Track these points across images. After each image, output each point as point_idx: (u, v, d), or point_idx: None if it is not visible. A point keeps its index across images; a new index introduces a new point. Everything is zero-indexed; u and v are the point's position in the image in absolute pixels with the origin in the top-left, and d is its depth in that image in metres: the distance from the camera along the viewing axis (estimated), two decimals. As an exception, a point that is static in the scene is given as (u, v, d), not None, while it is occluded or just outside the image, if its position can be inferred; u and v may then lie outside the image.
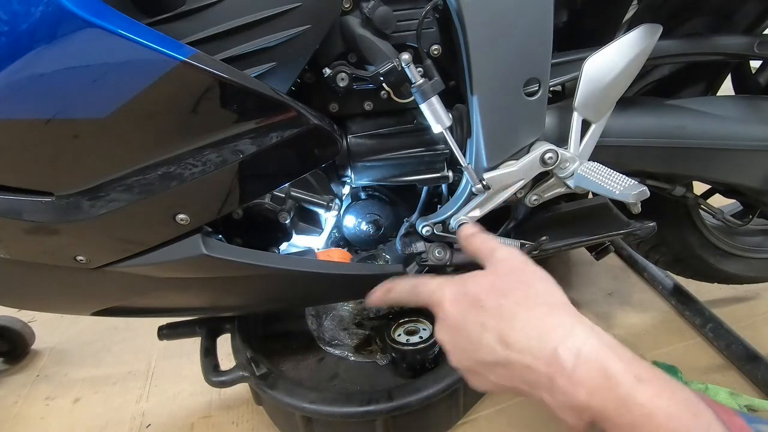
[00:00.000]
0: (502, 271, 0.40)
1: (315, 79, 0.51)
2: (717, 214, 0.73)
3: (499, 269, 0.40)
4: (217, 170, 0.41)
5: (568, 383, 0.32)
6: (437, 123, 0.47)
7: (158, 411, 0.81)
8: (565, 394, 0.32)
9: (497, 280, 0.39)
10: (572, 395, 0.32)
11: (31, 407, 0.84)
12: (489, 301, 0.37)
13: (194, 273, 0.48)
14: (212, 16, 0.41)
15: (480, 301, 0.38)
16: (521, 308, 0.36)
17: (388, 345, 0.60)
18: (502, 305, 0.37)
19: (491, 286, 0.38)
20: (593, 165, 0.49)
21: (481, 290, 0.38)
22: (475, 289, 0.38)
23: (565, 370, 0.32)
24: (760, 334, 0.87)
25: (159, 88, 0.36)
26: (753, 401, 0.72)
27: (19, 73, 0.34)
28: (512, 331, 0.35)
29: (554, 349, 0.33)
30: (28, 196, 0.41)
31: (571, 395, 0.32)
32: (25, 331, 0.95)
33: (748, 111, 0.62)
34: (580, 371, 0.32)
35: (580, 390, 0.31)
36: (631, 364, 0.32)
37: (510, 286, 0.38)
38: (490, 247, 0.43)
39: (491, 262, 0.41)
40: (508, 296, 0.37)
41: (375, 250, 0.68)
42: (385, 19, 0.45)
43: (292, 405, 0.56)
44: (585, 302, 1.00)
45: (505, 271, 0.40)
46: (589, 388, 0.31)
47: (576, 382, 0.32)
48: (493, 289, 0.38)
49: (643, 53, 0.50)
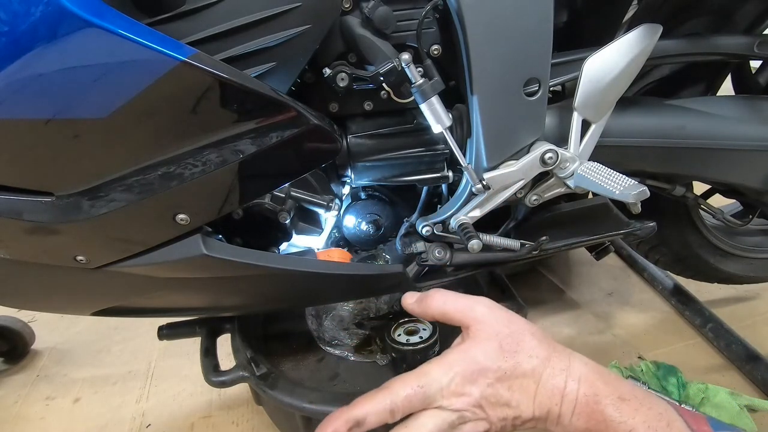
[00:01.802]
0: None
1: (315, 79, 0.51)
2: (717, 214, 0.73)
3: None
4: (217, 170, 0.41)
5: (570, 416, 0.38)
6: (437, 123, 0.47)
7: (158, 411, 0.81)
8: (570, 423, 0.38)
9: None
10: (575, 424, 0.38)
11: (31, 407, 0.84)
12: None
13: (194, 273, 0.48)
14: (212, 16, 0.41)
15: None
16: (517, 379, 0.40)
17: (388, 345, 0.60)
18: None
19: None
20: (593, 165, 0.49)
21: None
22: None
23: (568, 407, 0.38)
24: (760, 334, 0.87)
25: (159, 88, 0.36)
26: (753, 401, 0.72)
27: (19, 73, 0.34)
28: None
29: (561, 398, 0.38)
30: (28, 196, 0.41)
31: (575, 424, 0.38)
32: (25, 331, 0.95)
33: (748, 111, 0.62)
34: (579, 405, 0.38)
35: (580, 419, 0.38)
36: (615, 385, 0.38)
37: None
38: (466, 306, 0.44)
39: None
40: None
41: (375, 250, 0.68)
42: (385, 19, 0.45)
43: (292, 405, 0.56)
44: (585, 302, 1.00)
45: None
46: (586, 415, 0.37)
47: (577, 414, 0.37)
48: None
49: (643, 53, 0.50)
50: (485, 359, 0.39)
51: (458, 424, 0.39)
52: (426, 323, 0.62)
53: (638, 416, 0.36)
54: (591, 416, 0.37)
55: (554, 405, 0.38)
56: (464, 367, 0.39)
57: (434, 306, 0.44)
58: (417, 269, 0.60)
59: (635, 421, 0.36)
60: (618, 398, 0.37)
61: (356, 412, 0.37)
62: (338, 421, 0.37)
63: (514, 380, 0.39)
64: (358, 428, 0.37)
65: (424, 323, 0.62)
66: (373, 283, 0.57)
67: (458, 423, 0.39)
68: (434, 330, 0.60)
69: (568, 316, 0.96)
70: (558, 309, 0.98)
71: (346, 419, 0.37)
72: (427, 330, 0.61)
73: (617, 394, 0.37)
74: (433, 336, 0.59)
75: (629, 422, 0.36)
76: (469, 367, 0.39)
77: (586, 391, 0.38)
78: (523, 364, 0.39)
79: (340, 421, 0.37)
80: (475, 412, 0.39)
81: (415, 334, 0.61)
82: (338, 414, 0.38)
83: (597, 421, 0.37)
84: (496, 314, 0.42)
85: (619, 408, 0.37)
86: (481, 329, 0.41)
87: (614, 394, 0.37)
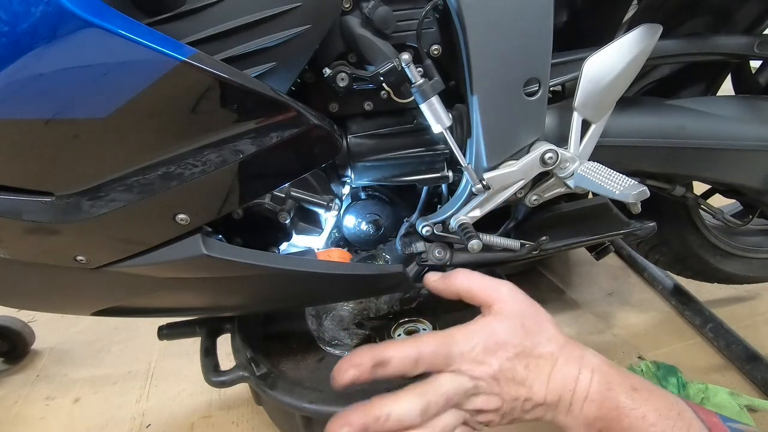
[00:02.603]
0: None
1: (315, 79, 0.51)
2: (717, 214, 0.73)
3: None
4: (217, 170, 0.41)
5: (582, 404, 0.38)
6: (437, 123, 0.47)
7: (158, 411, 0.81)
8: (580, 412, 0.39)
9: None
10: (586, 412, 0.38)
11: (31, 407, 0.84)
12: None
13: (194, 273, 0.48)
14: (212, 16, 0.41)
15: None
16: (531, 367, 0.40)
17: (388, 345, 0.60)
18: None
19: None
20: (593, 165, 0.49)
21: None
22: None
23: (581, 395, 0.39)
24: (760, 334, 0.87)
25: (159, 88, 0.36)
26: (753, 401, 0.72)
27: (19, 73, 0.34)
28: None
29: (574, 385, 0.39)
30: (28, 196, 0.41)
31: (585, 412, 0.38)
32: (25, 331, 0.95)
33: (748, 111, 0.62)
34: (592, 393, 0.38)
35: (592, 406, 0.38)
36: (626, 376, 0.39)
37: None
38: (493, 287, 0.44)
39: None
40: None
41: (375, 250, 0.68)
42: (385, 19, 0.45)
43: (292, 405, 0.56)
44: (585, 302, 1.00)
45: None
46: (598, 402, 0.38)
47: (590, 400, 0.38)
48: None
49: (643, 53, 0.50)
50: (507, 334, 0.40)
51: (471, 395, 0.39)
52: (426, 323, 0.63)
53: (649, 404, 0.37)
54: (603, 403, 0.38)
55: (567, 392, 0.39)
56: (486, 338, 0.39)
57: (459, 283, 0.44)
58: (417, 269, 0.60)
59: (646, 408, 0.37)
60: (630, 387, 0.38)
61: (384, 352, 0.38)
62: (366, 356, 0.38)
63: (532, 359, 0.39)
64: (381, 368, 0.38)
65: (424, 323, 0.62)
66: (373, 283, 0.57)
67: (472, 393, 0.39)
68: (434, 330, 0.60)
69: (568, 316, 0.96)
70: (558, 309, 0.98)
71: (373, 356, 0.38)
72: (426, 330, 0.61)
73: (629, 383, 0.39)
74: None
75: (641, 409, 0.37)
76: (492, 338, 0.39)
77: (599, 380, 0.39)
78: (542, 346, 0.40)
79: (367, 357, 0.38)
80: (491, 384, 0.39)
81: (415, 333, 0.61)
82: (366, 350, 0.38)
83: (609, 408, 0.38)
84: (519, 297, 0.43)
85: (631, 396, 0.38)
86: (504, 307, 0.42)
87: (626, 383, 0.38)
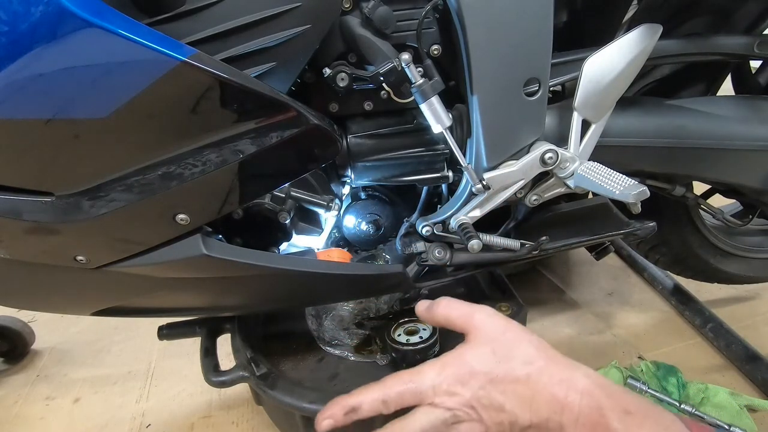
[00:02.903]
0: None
1: (315, 79, 0.51)
2: (717, 214, 0.73)
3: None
4: (217, 170, 0.41)
5: (574, 427, 0.38)
6: (437, 123, 0.47)
7: (158, 411, 0.81)
8: None
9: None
10: None
11: (31, 407, 0.84)
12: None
13: (194, 273, 0.48)
14: (212, 16, 0.41)
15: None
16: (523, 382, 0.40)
17: (388, 345, 0.60)
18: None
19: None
20: (593, 165, 0.49)
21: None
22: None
23: (571, 417, 0.38)
24: (760, 334, 0.87)
25: (159, 88, 0.36)
26: (753, 401, 0.72)
27: (19, 73, 0.34)
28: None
29: (561, 407, 0.38)
30: (28, 196, 0.41)
31: None
32: (25, 331, 0.95)
33: (748, 111, 0.62)
34: (582, 417, 0.37)
35: (584, 431, 0.37)
36: (619, 398, 0.38)
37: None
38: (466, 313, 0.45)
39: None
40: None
41: (375, 250, 0.68)
42: (385, 19, 0.45)
43: (292, 405, 0.56)
44: (585, 302, 1.00)
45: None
46: (590, 427, 0.37)
47: (581, 425, 0.37)
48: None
49: (643, 53, 0.50)
50: (476, 363, 0.41)
51: (452, 423, 0.40)
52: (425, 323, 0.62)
53: (644, 430, 0.36)
54: (595, 429, 0.37)
55: (553, 414, 0.38)
56: (456, 369, 0.41)
57: (439, 312, 0.47)
58: (417, 269, 0.60)
59: None
60: (623, 411, 0.37)
61: (352, 400, 0.42)
62: (336, 406, 0.42)
63: (507, 385, 0.40)
64: (353, 413, 0.42)
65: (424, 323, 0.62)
66: (373, 283, 0.57)
67: (452, 422, 0.40)
68: (434, 330, 0.60)
69: (568, 316, 0.96)
70: (558, 309, 0.98)
71: (343, 405, 0.42)
72: (427, 330, 0.61)
73: (622, 407, 0.37)
74: (433, 336, 0.59)
75: None
76: (461, 369, 0.41)
77: (588, 404, 0.38)
78: (516, 370, 0.40)
79: (337, 407, 0.42)
80: (468, 412, 0.40)
81: (415, 334, 0.61)
82: (336, 400, 0.43)
83: None
84: (494, 322, 0.44)
85: (624, 421, 0.36)
86: (477, 335, 0.43)
87: (619, 407, 0.37)
